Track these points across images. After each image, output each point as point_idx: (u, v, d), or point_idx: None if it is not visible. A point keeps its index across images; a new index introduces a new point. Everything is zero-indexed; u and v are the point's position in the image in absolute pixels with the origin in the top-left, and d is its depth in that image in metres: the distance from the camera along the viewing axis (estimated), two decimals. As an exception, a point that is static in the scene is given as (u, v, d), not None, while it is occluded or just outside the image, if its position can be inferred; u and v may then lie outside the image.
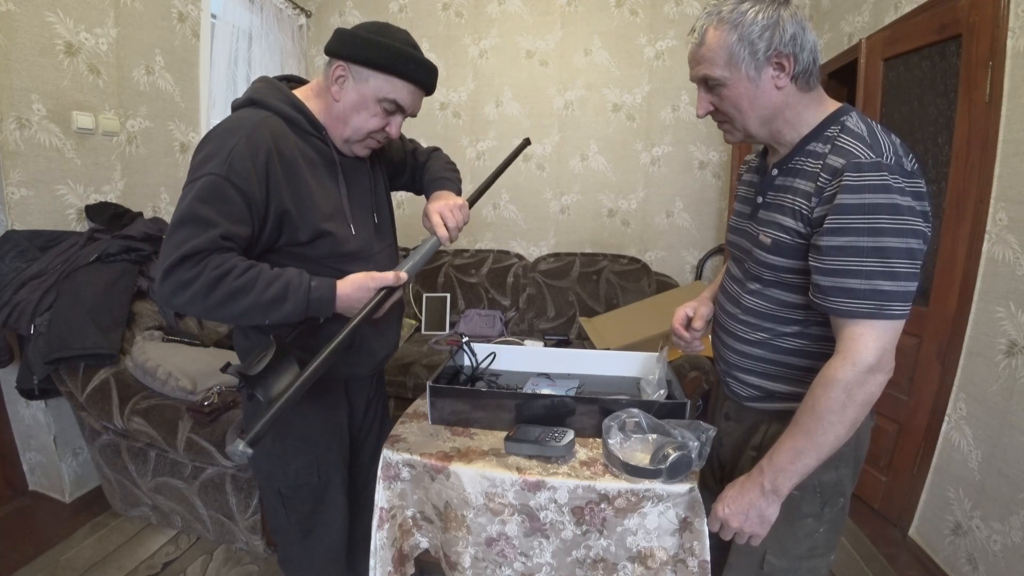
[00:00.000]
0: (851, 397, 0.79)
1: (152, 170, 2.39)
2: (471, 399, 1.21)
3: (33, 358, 1.79)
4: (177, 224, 0.89)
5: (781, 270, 0.89)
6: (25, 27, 1.83)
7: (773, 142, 0.93)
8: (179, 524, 1.92)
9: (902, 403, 2.04)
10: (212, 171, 0.89)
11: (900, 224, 0.76)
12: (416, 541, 1.20)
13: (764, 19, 0.81)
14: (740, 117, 0.89)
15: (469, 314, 3.07)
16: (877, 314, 0.78)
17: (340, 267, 1.06)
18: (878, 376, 0.80)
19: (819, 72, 0.86)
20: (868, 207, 0.76)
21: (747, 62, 0.83)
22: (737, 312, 1.00)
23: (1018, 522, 1.50)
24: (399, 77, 0.99)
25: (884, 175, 0.76)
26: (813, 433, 0.82)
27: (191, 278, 0.87)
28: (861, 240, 0.77)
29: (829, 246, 0.79)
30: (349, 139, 1.05)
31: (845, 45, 2.60)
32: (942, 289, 1.87)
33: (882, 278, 0.77)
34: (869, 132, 0.82)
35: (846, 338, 0.80)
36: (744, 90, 0.86)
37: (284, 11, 3.07)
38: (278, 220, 0.97)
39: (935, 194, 1.95)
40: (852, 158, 0.79)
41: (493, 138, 3.33)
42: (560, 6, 3.17)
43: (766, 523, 0.88)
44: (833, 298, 0.80)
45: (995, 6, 1.65)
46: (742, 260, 1.00)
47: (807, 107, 0.88)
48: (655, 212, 3.29)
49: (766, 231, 0.91)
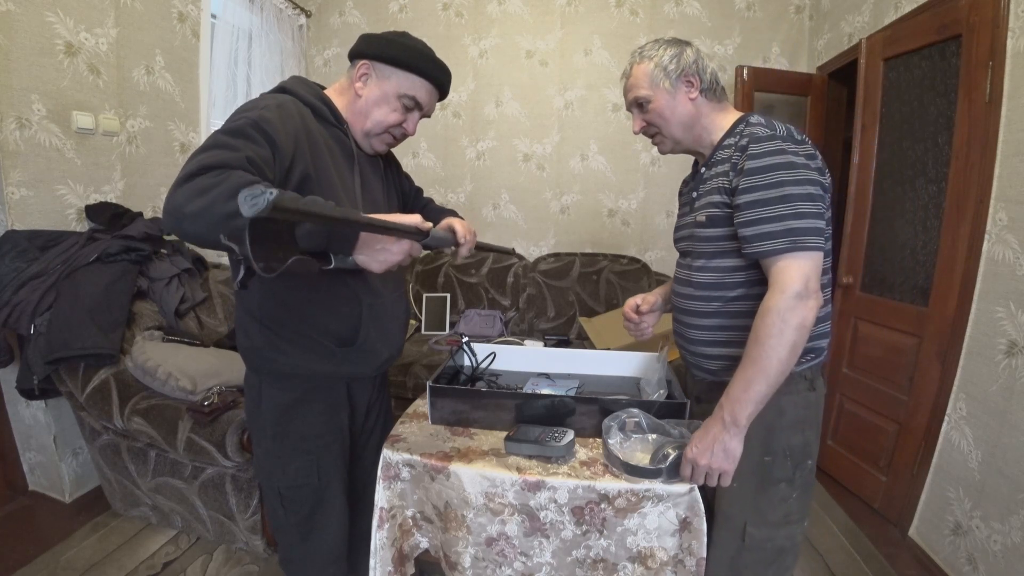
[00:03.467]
0: (785, 321, 0.91)
1: (152, 170, 2.39)
2: (471, 399, 1.21)
3: (33, 358, 1.78)
4: (200, 149, 0.83)
5: (719, 239, 1.05)
6: (25, 27, 1.83)
7: (697, 146, 1.14)
8: (179, 524, 1.92)
9: (902, 403, 2.04)
10: (243, 116, 0.90)
11: (796, 175, 0.94)
12: (416, 541, 1.20)
13: (671, 52, 1.09)
14: (666, 125, 1.12)
15: (469, 314, 3.07)
16: (793, 248, 0.93)
17: None
18: (808, 301, 0.92)
19: (724, 92, 1.12)
20: (769, 166, 0.95)
21: (664, 81, 1.09)
22: (691, 291, 1.13)
23: (1018, 522, 1.50)
24: (419, 75, 1.08)
25: (777, 141, 0.97)
26: (758, 359, 0.93)
27: (213, 183, 0.75)
28: (768, 192, 0.95)
29: (745, 202, 0.97)
30: (369, 132, 1.11)
31: (845, 45, 2.60)
32: (942, 289, 1.87)
33: (791, 219, 0.93)
34: (767, 121, 1.03)
35: (773, 274, 0.95)
36: (665, 102, 1.10)
37: (284, 11, 3.07)
38: (300, 183, 0.96)
39: (935, 194, 1.95)
40: (754, 135, 1.00)
41: (493, 138, 3.33)
42: (560, 6, 3.17)
43: (731, 457, 0.97)
44: (756, 243, 0.96)
45: (995, 6, 1.66)
46: (685, 250, 1.18)
47: (719, 114, 1.11)
48: (655, 212, 3.29)
49: (700, 212, 1.09)
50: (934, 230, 1.94)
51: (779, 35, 3.08)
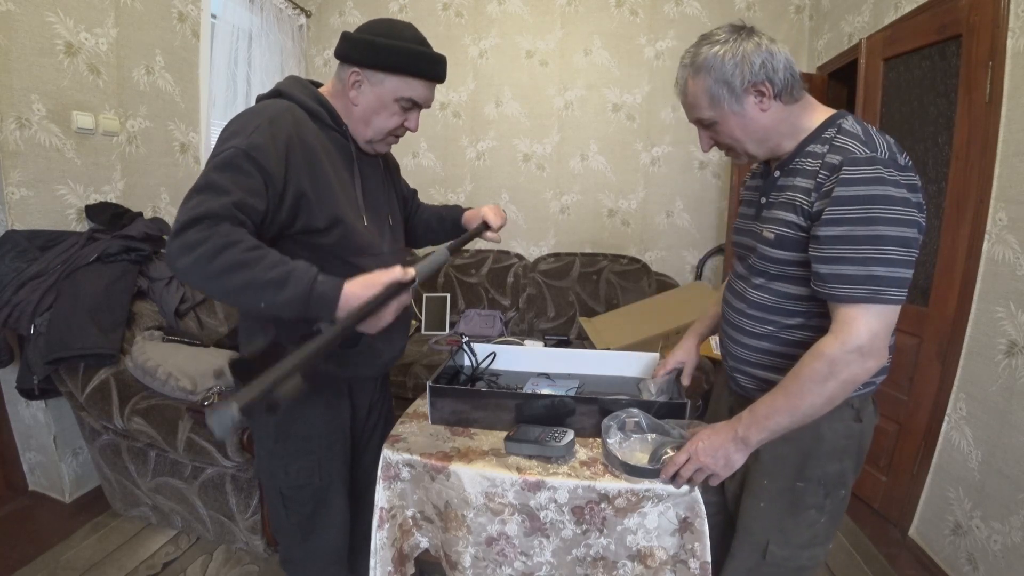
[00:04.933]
0: (833, 373, 0.83)
1: (152, 170, 2.39)
2: (471, 399, 1.21)
3: (33, 358, 1.78)
4: (193, 191, 0.88)
5: (784, 263, 0.93)
6: (25, 27, 1.83)
7: (776, 155, 0.99)
8: (179, 524, 1.92)
9: (902, 403, 2.04)
10: (233, 145, 0.90)
11: (894, 214, 0.80)
12: (416, 541, 1.20)
13: (731, 57, 0.89)
14: (739, 144, 0.97)
15: (469, 314, 3.07)
16: (872, 298, 0.81)
17: (350, 259, 1.06)
18: (867, 361, 0.83)
19: (802, 82, 0.93)
20: (864, 198, 0.81)
21: (727, 99, 0.91)
22: (743, 307, 1.03)
23: (1018, 522, 1.50)
24: (413, 76, 1.04)
25: (878, 168, 0.81)
26: (791, 396, 0.87)
27: (199, 240, 0.83)
28: (857, 229, 0.81)
29: (827, 235, 0.83)
30: (372, 139, 1.09)
31: (845, 45, 2.60)
32: (942, 289, 1.87)
33: (877, 264, 0.80)
34: (864, 132, 0.87)
35: (840, 320, 0.84)
36: (734, 123, 0.94)
37: (284, 11, 3.07)
38: (295, 202, 0.97)
39: (935, 194, 1.95)
40: (848, 154, 0.84)
41: (493, 138, 3.33)
42: (560, 6, 3.17)
43: (730, 467, 0.95)
44: (831, 284, 0.84)
45: (995, 6, 1.66)
46: (746, 257, 1.04)
47: (799, 116, 0.94)
48: (655, 212, 3.29)
49: (769, 227, 0.95)
50: (934, 230, 1.94)
51: (779, 35, 3.07)
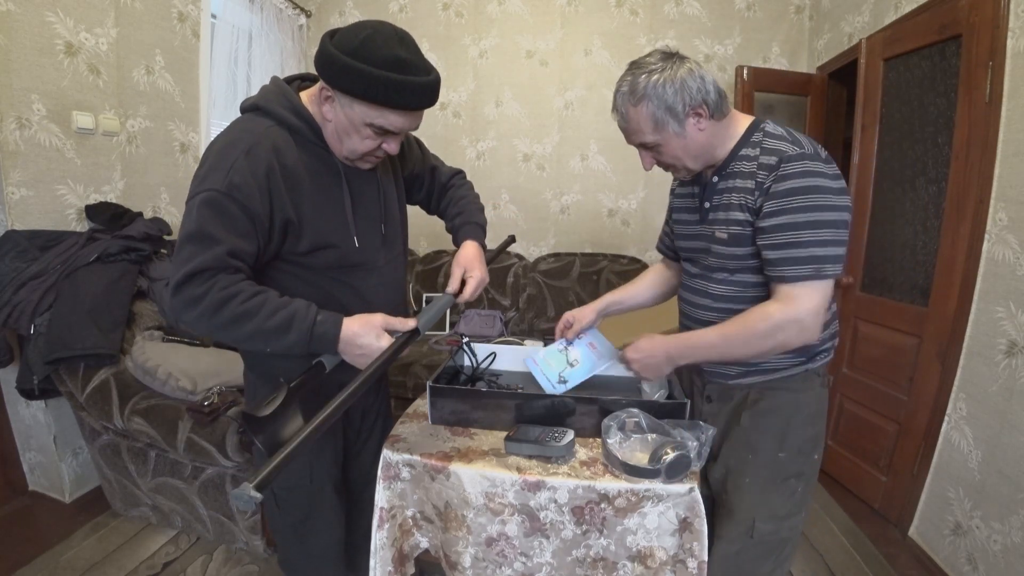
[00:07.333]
0: (772, 335, 0.96)
1: (152, 170, 2.39)
2: (471, 399, 1.21)
3: (33, 358, 1.79)
4: (183, 241, 0.89)
5: (742, 257, 1.04)
6: (25, 27, 1.83)
7: (711, 162, 1.08)
8: (179, 524, 1.92)
9: (902, 403, 2.04)
10: (213, 187, 0.89)
11: (827, 200, 0.93)
12: (416, 541, 1.20)
13: (670, 84, 0.96)
14: (679, 162, 1.05)
15: (469, 314, 3.07)
16: (815, 276, 0.94)
17: (342, 278, 1.06)
18: (803, 334, 0.96)
19: (725, 96, 1.02)
20: (800, 189, 0.93)
21: (671, 123, 0.99)
22: (709, 302, 1.12)
23: (1018, 522, 1.50)
24: (382, 107, 0.90)
25: (808, 162, 0.94)
26: (730, 342, 1.00)
27: (198, 296, 0.87)
28: (798, 217, 0.93)
29: (772, 225, 0.96)
30: (347, 158, 1.02)
31: (845, 45, 2.60)
32: (942, 289, 1.87)
33: (817, 246, 0.93)
34: (788, 133, 0.99)
35: (785, 294, 0.96)
36: (676, 144, 1.02)
37: (284, 11, 3.07)
38: (283, 229, 0.97)
39: (935, 194, 1.95)
40: (782, 153, 0.96)
41: (493, 138, 3.33)
42: (560, 6, 3.17)
43: (656, 374, 1.13)
44: (780, 267, 0.96)
45: (995, 6, 1.65)
46: (698, 259, 1.15)
47: (727, 127, 1.04)
48: (655, 212, 3.29)
49: (721, 228, 1.05)
50: (934, 230, 1.94)
51: (779, 35, 3.08)
